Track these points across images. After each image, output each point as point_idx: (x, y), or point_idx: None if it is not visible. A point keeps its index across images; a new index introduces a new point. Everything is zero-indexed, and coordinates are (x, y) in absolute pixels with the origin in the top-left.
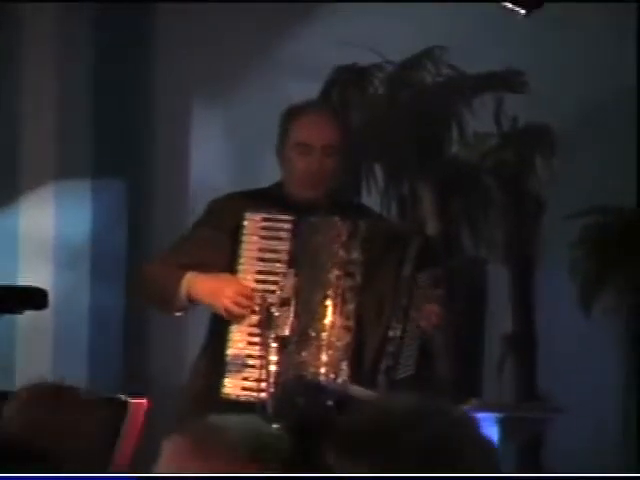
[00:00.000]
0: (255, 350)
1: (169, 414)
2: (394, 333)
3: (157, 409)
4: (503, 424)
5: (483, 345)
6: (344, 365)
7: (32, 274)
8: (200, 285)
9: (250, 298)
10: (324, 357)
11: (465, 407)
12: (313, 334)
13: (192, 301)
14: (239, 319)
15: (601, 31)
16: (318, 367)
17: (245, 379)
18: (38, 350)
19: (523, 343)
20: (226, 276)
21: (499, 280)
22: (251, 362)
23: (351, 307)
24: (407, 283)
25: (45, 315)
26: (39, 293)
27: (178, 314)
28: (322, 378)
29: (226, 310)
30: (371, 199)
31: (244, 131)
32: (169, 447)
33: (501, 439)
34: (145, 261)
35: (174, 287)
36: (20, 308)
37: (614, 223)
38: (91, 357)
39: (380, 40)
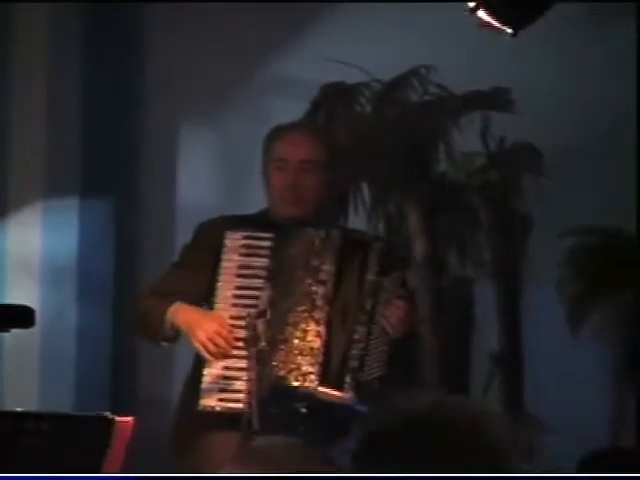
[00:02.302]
0: (230, 362)
1: (156, 432)
2: (359, 336)
3: (144, 428)
4: None
5: (470, 364)
6: (313, 369)
7: (19, 292)
8: (182, 315)
9: (227, 340)
10: (293, 362)
11: None
12: (284, 340)
13: (175, 331)
14: (212, 357)
15: (594, 48)
16: (287, 372)
17: (222, 390)
18: (25, 369)
19: (510, 362)
20: (210, 313)
21: (486, 299)
22: (227, 374)
23: (322, 314)
24: (371, 287)
25: (32, 334)
26: (26, 311)
27: (164, 344)
28: (291, 383)
29: (201, 344)
30: (358, 218)
31: (231, 150)
32: None
33: None
34: (132, 280)
35: (160, 317)
36: (6, 326)
37: (602, 242)
38: (78, 376)
39: (367, 59)
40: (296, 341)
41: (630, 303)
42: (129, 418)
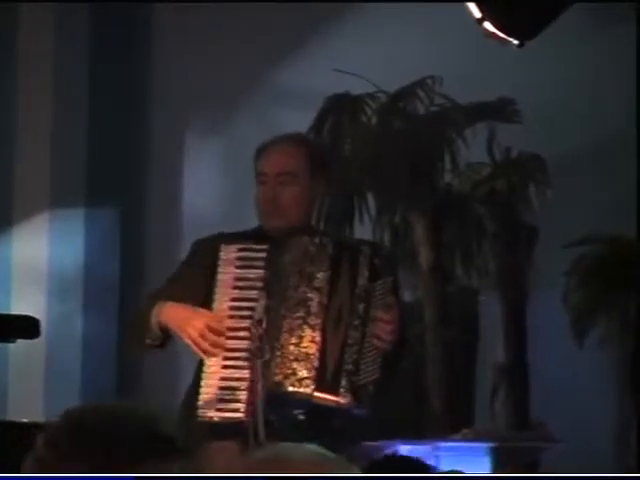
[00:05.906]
0: (228, 372)
1: None
2: (353, 340)
3: None
4: (496, 453)
5: (475, 374)
6: (309, 374)
7: (25, 303)
8: (170, 312)
9: (220, 334)
10: (289, 368)
11: (457, 436)
12: (280, 347)
13: (163, 329)
14: (206, 354)
15: (598, 60)
16: (283, 378)
17: (220, 401)
18: (31, 378)
19: (515, 372)
20: (199, 309)
21: (491, 309)
22: (224, 384)
23: (317, 320)
24: (362, 291)
25: (37, 344)
26: (31, 322)
27: (151, 344)
28: (287, 389)
29: (192, 341)
30: (364, 228)
31: (237, 157)
32: None
33: (494, 468)
34: (137, 289)
35: (146, 315)
36: (12, 337)
37: (607, 252)
38: (83, 384)
39: (373, 69)
40: (291, 347)
41: (635, 310)
42: None
